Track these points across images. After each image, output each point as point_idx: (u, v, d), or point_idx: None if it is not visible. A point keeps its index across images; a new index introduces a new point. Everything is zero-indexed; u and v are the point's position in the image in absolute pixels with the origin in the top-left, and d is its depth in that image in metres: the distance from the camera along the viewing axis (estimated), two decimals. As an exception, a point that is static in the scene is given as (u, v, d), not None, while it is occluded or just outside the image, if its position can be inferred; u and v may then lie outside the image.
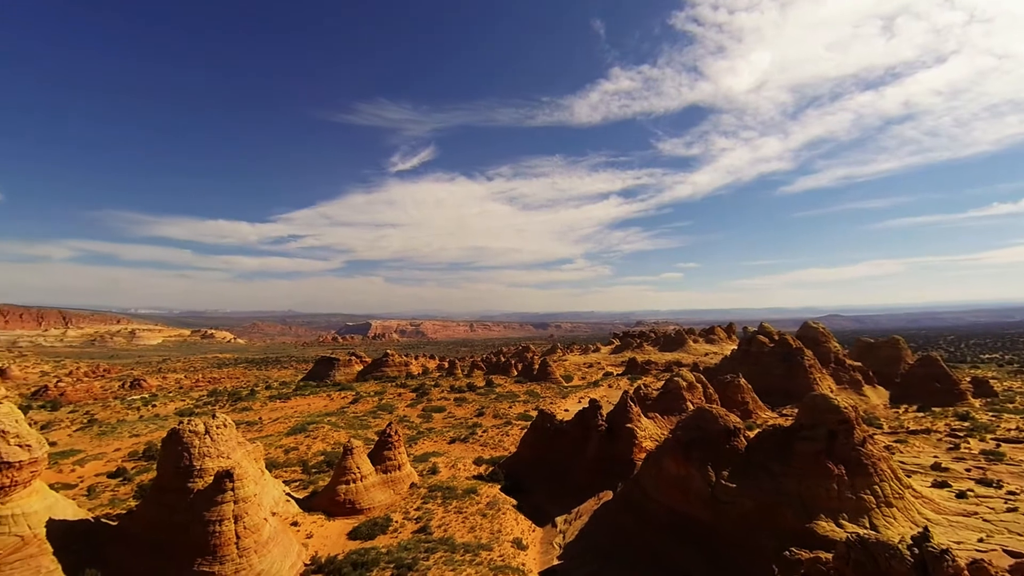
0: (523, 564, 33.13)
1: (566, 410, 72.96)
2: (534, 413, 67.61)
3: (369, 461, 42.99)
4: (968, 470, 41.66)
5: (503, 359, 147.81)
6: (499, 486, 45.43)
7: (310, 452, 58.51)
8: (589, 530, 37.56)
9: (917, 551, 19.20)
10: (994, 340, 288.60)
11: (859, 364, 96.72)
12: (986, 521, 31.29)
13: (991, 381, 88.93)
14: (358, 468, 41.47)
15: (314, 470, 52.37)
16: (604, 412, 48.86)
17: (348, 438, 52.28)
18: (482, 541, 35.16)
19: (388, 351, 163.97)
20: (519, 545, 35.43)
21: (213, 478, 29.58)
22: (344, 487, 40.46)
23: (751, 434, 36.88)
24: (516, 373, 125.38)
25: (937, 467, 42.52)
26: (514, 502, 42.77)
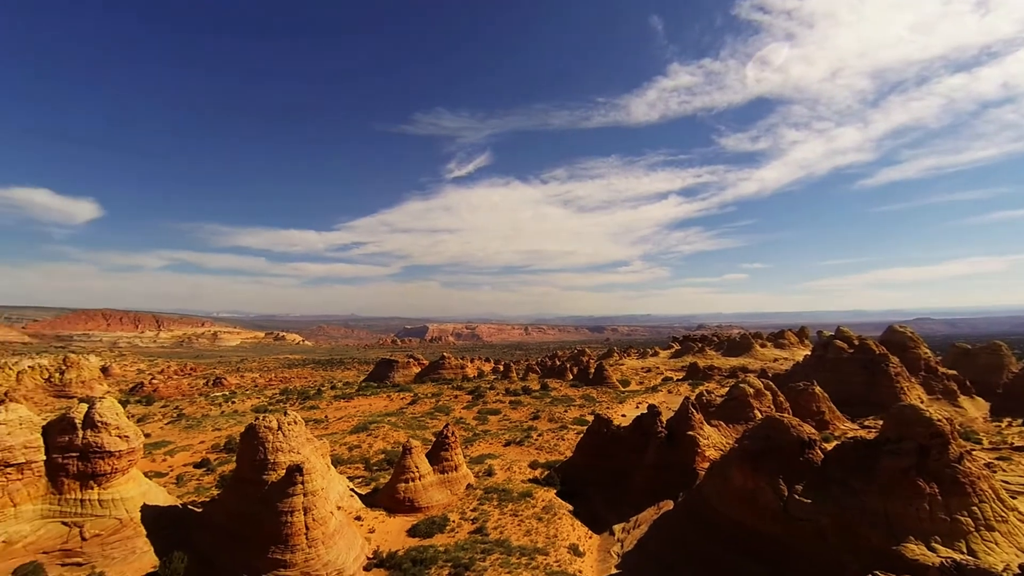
0: (580, 571, 32.53)
1: (623, 415, 71.18)
2: (590, 418, 66.48)
3: (427, 461, 43.97)
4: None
5: (558, 363, 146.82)
6: (555, 490, 44.98)
7: (372, 450, 60.78)
8: (649, 540, 36.30)
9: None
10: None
11: (954, 372, 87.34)
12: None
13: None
14: (417, 467, 42.53)
15: (375, 468, 54.31)
16: (663, 418, 47.18)
17: (407, 438, 53.77)
18: (538, 545, 34.89)
19: (444, 354, 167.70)
20: (576, 551, 34.83)
21: (285, 471, 31.35)
22: (404, 485, 41.62)
23: (828, 446, 34.21)
24: (571, 377, 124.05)
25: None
26: (570, 507, 42.16)
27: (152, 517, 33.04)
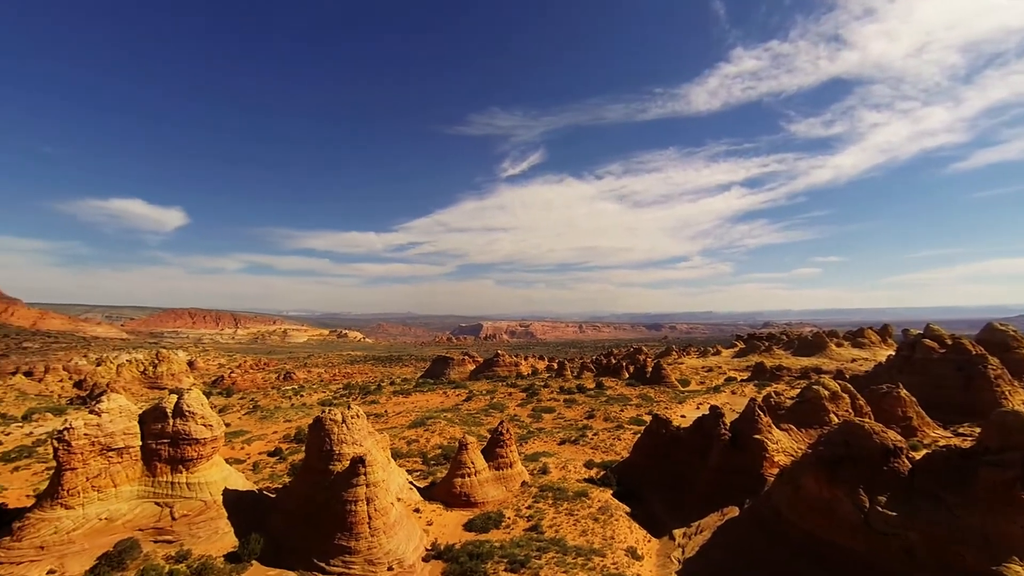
0: (638, 575, 31.68)
1: (683, 416, 68.67)
2: (647, 418, 64.64)
3: (482, 457, 44.50)
4: None
5: (614, 361, 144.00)
6: (611, 491, 44.10)
7: (429, 445, 62.42)
8: (712, 547, 34.70)
9: None
10: None
11: (1069, 376, 76.98)
12: None
13: None
14: (472, 463, 43.15)
15: (432, 462, 55.72)
16: (727, 420, 44.94)
17: (463, 434, 54.71)
18: (594, 546, 34.34)
19: (499, 351, 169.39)
20: (633, 555, 33.96)
21: (349, 462, 32.83)
22: (460, 480, 42.37)
23: (916, 455, 31.17)
24: (627, 376, 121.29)
25: None
26: (627, 509, 41.18)
27: (232, 500, 35.69)
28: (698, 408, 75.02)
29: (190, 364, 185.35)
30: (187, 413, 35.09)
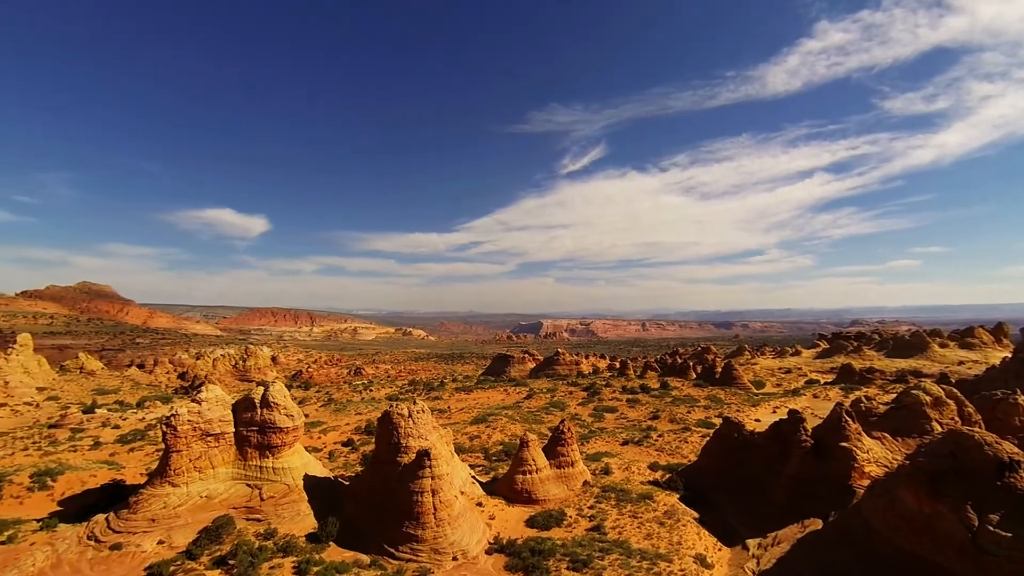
0: (709, 584, 30.31)
1: (757, 420, 64.79)
2: (717, 421, 61.64)
3: (543, 455, 44.50)
4: None
5: (680, 360, 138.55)
6: (677, 495, 42.48)
7: (490, 441, 63.40)
8: (792, 560, 32.44)
9: None
10: None
11: None
12: None
13: None
14: (533, 460, 43.28)
15: (494, 458, 56.54)
16: (808, 426, 41.79)
17: (524, 431, 55.01)
18: (660, 551, 33.26)
19: (559, 350, 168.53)
20: (703, 562, 32.51)
21: (415, 455, 34.11)
22: (521, 477, 42.64)
23: (1038, 470, 27.33)
24: (694, 376, 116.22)
25: None
26: (695, 514, 39.50)
27: (311, 485, 38.33)
28: (774, 412, 70.47)
29: (273, 359, 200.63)
30: (272, 404, 38.08)
